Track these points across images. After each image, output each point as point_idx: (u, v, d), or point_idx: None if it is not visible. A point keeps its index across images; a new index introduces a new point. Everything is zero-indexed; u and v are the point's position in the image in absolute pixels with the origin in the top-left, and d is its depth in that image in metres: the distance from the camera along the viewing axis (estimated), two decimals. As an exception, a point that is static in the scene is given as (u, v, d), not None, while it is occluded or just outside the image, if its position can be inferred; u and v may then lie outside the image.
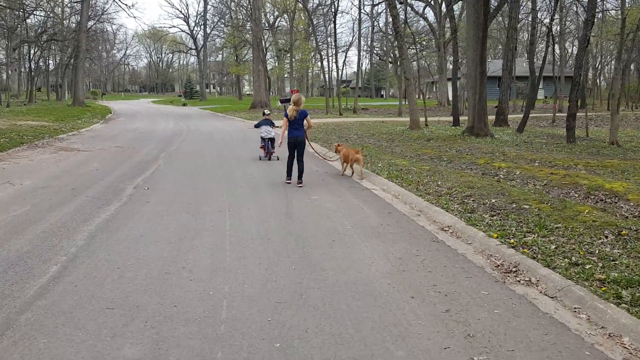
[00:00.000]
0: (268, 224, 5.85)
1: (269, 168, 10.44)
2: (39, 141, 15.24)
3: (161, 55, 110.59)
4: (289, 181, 8.52)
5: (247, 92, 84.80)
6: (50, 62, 57.84)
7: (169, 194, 7.53)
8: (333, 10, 33.09)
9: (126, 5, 39.95)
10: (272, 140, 11.95)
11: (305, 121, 8.47)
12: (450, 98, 47.77)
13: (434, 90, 72.82)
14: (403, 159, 11.32)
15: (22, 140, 14.91)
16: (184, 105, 54.15)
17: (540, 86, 44.74)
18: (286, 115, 8.42)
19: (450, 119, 29.69)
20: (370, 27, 70.53)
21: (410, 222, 6.08)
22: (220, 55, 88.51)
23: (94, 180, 8.57)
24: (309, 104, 51.08)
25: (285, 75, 67.78)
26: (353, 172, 9.50)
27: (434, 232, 5.65)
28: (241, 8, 51.69)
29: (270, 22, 60.50)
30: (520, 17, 42.16)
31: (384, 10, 72.57)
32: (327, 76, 36.03)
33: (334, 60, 57.40)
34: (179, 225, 5.75)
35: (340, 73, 40.43)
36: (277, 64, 61.11)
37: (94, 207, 6.55)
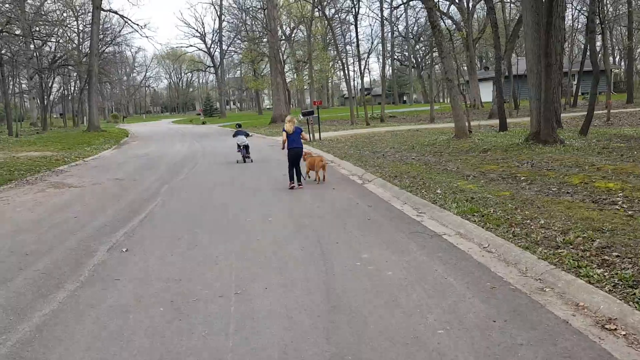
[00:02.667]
0: (301, 328, 3.45)
1: (295, 202, 8.08)
2: (32, 176, 13.31)
3: (180, 75, 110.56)
4: (292, 185, 9.39)
5: (267, 107, 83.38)
6: (72, 88, 57.43)
7: (152, 259, 5.22)
8: (354, 13, 30.85)
9: (138, 25, 38.43)
10: (246, 147, 14.18)
11: (301, 136, 9.79)
12: (484, 99, 44.87)
13: (462, 91, 69.80)
14: (465, 180, 8.81)
15: (12, 176, 12.99)
16: (203, 123, 52.61)
17: (575, 81, 41.40)
18: (284, 130, 9.68)
19: (491, 122, 26.96)
20: (390, 32, 68.27)
21: (539, 311, 3.59)
22: (238, 71, 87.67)
23: (61, 237, 6.36)
24: (331, 114, 49.02)
25: (305, 87, 65.95)
26: (319, 179, 10.00)
27: (597, 340, 3.15)
28: (257, 21, 50.05)
29: (287, 34, 58.78)
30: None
31: (404, 14, 70.31)
32: (350, 84, 33.72)
33: (354, 67, 55.20)
34: (148, 339, 3.40)
35: (363, 80, 38.12)
36: (295, 75, 59.22)
37: (32, 296, 4.29)
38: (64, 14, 46.72)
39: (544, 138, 12.14)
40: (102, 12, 36.89)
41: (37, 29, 39.58)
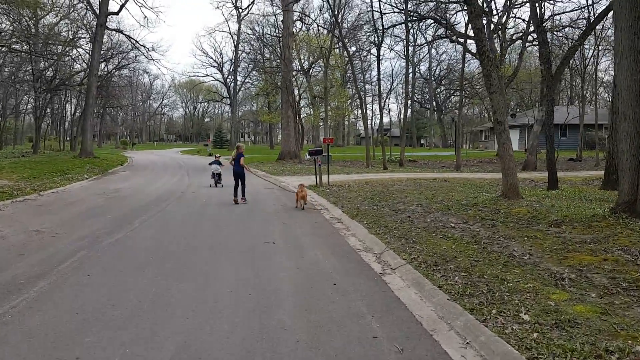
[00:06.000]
0: None
1: (265, 321, 4.47)
2: (-58, 215, 9.99)
3: (196, 104, 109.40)
4: (235, 199, 12.61)
5: (281, 141, 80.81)
6: (73, 109, 55.32)
7: None
8: (376, 44, 27.89)
9: (144, 47, 35.93)
10: (219, 174, 17.56)
11: (240, 161, 12.82)
12: (515, 148, 41.23)
13: (483, 139, 66.20)
14: (560, 287, 5.12)
15: None
16: (210, 155, 49.71)
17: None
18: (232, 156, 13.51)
19: (528, 175, 23.28)
20: (412, 72, 65.69)
21: None
22: (254, 105, 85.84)
23: None
24: (345, 153, 45.79)
25: (320, 124, 63.23)
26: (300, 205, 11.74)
27: None
28: (275, 53, 47.70)
29: (305, 68, 56.47)
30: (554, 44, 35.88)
31: (426, 55, 68.05)
32: (367, 123, 30.49)
33: (372, 106, 52.23)
34: None
35: (382, 119, 34.89)
36: (311, 111, 56.52)
37: None
38: (74, 35, 44.99)
39: (644, 210, 8.44)
40: (107, 31, 34.69)
41: (48, 48, 37.58)
